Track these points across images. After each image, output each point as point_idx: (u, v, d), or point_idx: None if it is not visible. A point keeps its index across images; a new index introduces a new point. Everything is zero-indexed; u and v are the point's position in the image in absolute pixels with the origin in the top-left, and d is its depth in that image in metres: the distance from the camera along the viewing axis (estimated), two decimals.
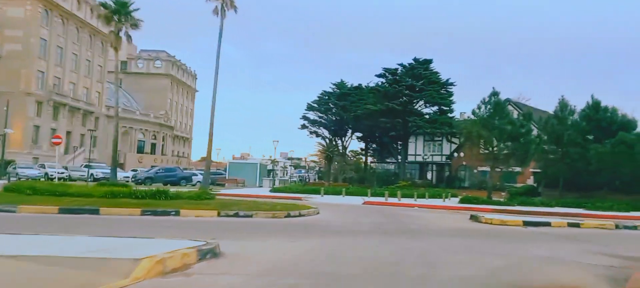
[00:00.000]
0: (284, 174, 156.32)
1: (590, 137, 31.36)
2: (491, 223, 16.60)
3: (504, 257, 9.07)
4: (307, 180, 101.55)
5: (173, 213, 13.13)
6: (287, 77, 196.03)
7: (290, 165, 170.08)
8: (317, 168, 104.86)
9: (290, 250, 8.49)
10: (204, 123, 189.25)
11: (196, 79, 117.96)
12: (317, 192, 32.69)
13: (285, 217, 14.59)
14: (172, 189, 22.24)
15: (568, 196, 34.42)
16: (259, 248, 8.52)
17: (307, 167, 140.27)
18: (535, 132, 30.55)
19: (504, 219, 16.92)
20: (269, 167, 71.02)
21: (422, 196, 34.03)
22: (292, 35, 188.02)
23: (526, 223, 16.69)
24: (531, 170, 43.14)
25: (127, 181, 43.74)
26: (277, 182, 59.94)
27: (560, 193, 34.32)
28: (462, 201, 28.18)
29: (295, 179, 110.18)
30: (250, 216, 13.82)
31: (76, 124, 70.38)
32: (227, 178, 46.96)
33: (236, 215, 13.70)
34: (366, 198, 28.75)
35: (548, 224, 16.84)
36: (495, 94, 28.57)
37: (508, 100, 28.90)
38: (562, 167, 32.62)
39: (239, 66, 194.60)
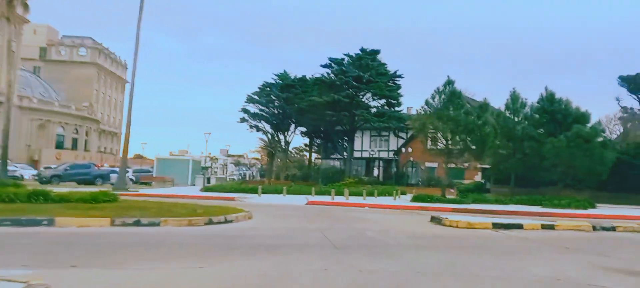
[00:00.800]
0: (223, 172, 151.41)
1: (542, 131, 30.26)
2: (457, 227, 14.31)
3: (505, 281, 6.52)
4: (250, 177, 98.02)
5: (45, 222, 9.67)
6: (230, 72, 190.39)
7: (230, 163, 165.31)
8: (259, 166, 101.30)
9: None
10: (135, 116, 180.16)
11: (126, 69, 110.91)
12: (255, 191, 29.63)
13: (206, 224, 11.49)
14: (86, 189, 18.76)
15: (519, 193, 33.35)
16: None
17: (249, 165, 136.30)
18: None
19: (471, 222, 14.64)
20: (207, 164, 66.77)
21: (371, 194, 31.81)
22: (235, 29, 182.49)
23: (496, 226, 14.51)
24: (479, 166, 42.13)
25: (36, 179, 38.84)
26: (213, 180, 56.24)
27: (512, 190, 33.14)
28: (414, 199, 26.08)
29: (235, 177, 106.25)
30: (157, 224, 10.62)
31: None
32: (153, 176, 42.81)
33: (137, 223, 10.44)
34: (310, 198, 26.06)
35: (520, 227, 14.73)
36: (450, 82, 26.64)
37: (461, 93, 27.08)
38: (515, 162, 31.37)
39: (180, 59, 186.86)
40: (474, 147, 25.44)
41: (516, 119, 31.11)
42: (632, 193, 33.15)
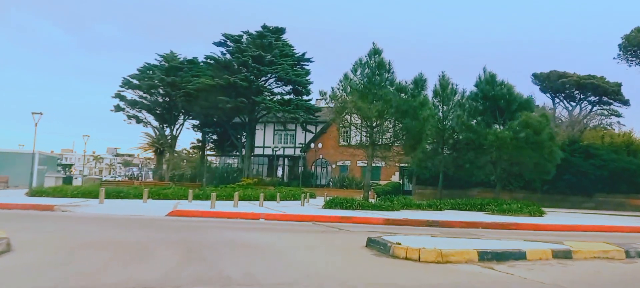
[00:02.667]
0: (109, 172, 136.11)
1: (479, 120, 25.13)
2: (420, 260, 7.64)
3: None
4: (139, 178, 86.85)
5: None
6: (121, 65, 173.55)
7: (118, 163, 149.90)
8: (153, 166, 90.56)
9: None
10: (13, 111, 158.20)
11: None
12: (109, 193, 21.50)
13: None
14: None
15: (448, 195, 28.12)
16: None
17: (140, 165, 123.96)
18: None
19: (442, 251, 8.03)
20: (67, 162, 55.95)
21: (272, 198, 24.83)
22: (127, 19, 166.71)
23: (484, 257, 8.07)
24: (397, 163, 36.77)
25: None
26: (80, 181, 46.04)
27: (439, 192, 27.77)
28: (329, 205, 19.45)
29: (120, 178, 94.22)
30: None
31: None
32: None
33: None
34: (182, 204, 18.36)
35: (522, 256, 8.43)
36: (376, 51, 20.27)
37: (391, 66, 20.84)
38: (444, 158, 25.97)
39: (68, 51, 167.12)
40: (405, 136, 19.21)
41: (445, 107, 25.78)
42: (569, 195, 29.34)
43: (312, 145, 42.20)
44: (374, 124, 20.19)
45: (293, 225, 13.49)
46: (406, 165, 33.72)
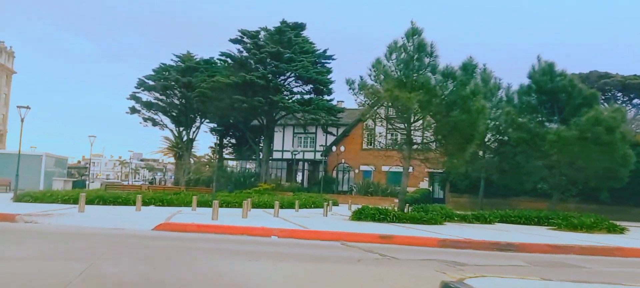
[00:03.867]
0: (134, 177, 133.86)
1: (534, 118, 20.78)
2: None
3: None
4: (160, 183, 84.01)
5: None
6: (143, 72, 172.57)
7: (142, 167, 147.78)
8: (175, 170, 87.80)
9: None
10: (37, 118, 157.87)
11: (14, 57, 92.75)
12: (105, 199, 17.98)
13: None
14: None
15: (488, 204, 23.82)
16: None
17: (164, 169, 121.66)
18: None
19: None
20: (72, 164, 52.93)
21: (290, 205, 20.84)
22: (150, 30, 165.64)
23: None
24: (427, 169, 32.45)
25: None
26: (97, 185, 42.91)
27: (481, 201, 23.46)
28: (359, 216, 15.36)
29: (142, 182, 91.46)
30: None
31: None
32: None
33: None
34: (179, 214, 14.42)
35: None
36: (416, 31, 16.14)
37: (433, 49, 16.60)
38: (488, 163, 21.64)
39: (95, 62, 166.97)
40: (452, 133, 14.98)
41: (488, 104, 21.46)
42: (632, 206, 24.62)
43: (334, 148, 38.13)
44: (413, 119, 16.04)
45: (316, 246, 9.46)
46: (438, 170, 29.43)
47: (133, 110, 44.10)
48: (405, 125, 16.02)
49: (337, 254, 8.63)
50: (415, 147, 16.43)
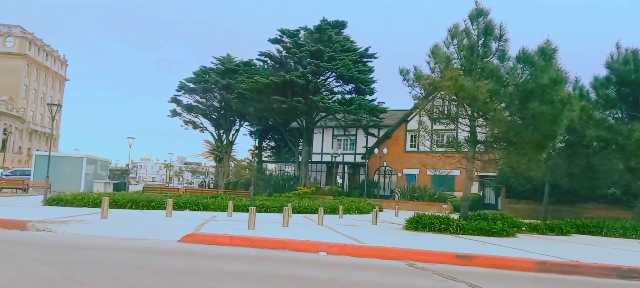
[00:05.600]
0: (178, 180, 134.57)
1: (612, 112, 17.60)
2: None
3: None
4: (202, 186, 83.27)
5: None
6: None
7: (186, 171, 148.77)
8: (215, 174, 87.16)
9: None
10: (77, 118, 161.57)
11: (67, 65, 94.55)
12: (138, 203, 16.21)
13: None
14: None
15: (552, 212, 20.72)
16: None
17: (206, 172, 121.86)
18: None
19: None
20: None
21: (332, 210, 18.44)
22: (192, 38, 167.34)
23: None
24: (477, 172, 29.35)
25: None
26: (141, 187, 41.79)
27: (545, 208, 20.33)
28: (413, 225, 12.79)
29: (193, 185, 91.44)
30: None
31: None
32: (16, 179, 28.20)
33: None
34: (213, 220, 12.24)
35: None
36: (482, 12, 13.46)
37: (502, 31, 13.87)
38: (556, 165, 18.55)
39: (141, 69, 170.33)
40: (527, 129, 12.18)
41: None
42: None
43: (376, 150, 35.50)
44: (478, 113, 13.32)
45: (378, 268, 7.00)
46: (491, 173, 26.39)
47: (174, 113, 42.89)
48: (469, 119, 13.32)
49: (408, 282, 6.15)
50: (482, 144, 13.69)
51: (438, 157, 14.19)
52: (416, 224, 12.76)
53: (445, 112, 14.70)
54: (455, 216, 14.15)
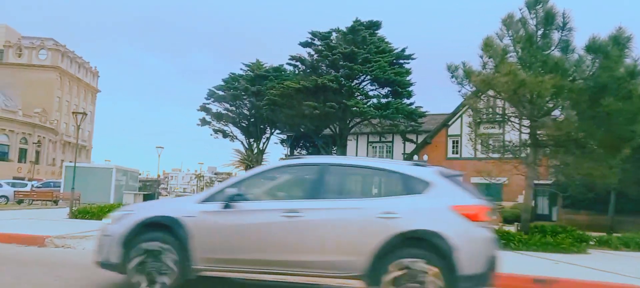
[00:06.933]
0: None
1: None
2: None
3: None
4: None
5: None
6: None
7: (217, 181, 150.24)
8: None
9: None
10: (109, 129, 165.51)
11: (98, 77, 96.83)
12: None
13: None
14: None
15: (617, 223, 18.99)
16: None
17: None
18: None
19: None
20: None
21: None
22: (221, 47, 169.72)
23: None
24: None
25: None
26: (176, 199, 41.65)
27: (611, 220, 18.65)
28: None
29: None
30: None
31: None
32: (46, 191, 28.31)
33: None
34: None
35: None
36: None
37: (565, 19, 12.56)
38: (627, 170, 16.83)
39: (171, 80, 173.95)
40: (600, 128, 10.81)
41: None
42: None
43: (416, 157, 34.08)
44: (538, 112, 12.00)
45: None
46: (544, 181, 24.71)
47: (203, 122, 42.76)
48: (530, 120, 12.03)
49: None
50: (543, 145, 12.35)
51: (493, 163, 12.91)
52: None
53: (499, 112, 13.39)
54: (506, 228, 12.84)
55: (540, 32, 12.37)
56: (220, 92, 41.56)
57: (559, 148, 11.97)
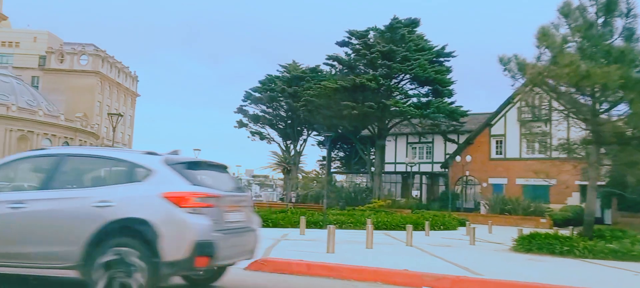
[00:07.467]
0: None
1: None
2: None
3: None
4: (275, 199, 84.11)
5: None
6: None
7: (254, 183, 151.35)
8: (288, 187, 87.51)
9: None
10: (148, 132, 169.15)
11: (137, 81, 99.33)
12: None
13: None
14: None
15: None
16: None
17: (274, 185, 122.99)
18: None
19: None
20: None
21: (415, 226, 16.38)
22: (258, 51, 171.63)
23: None
24: (578, 182, 26.23)
25: None
26: None
27: None
28: (524, 246, 10.81)
29: (261, 198, 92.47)
30: None
31: None
32: None
33: None
34: (284, 239, 10.94)
35: None
36: None
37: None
38: None
39: (208, 84, 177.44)
40: None
41: None
42: None
43: (458, 158, 33.08)
44: (600, 106, 11.12)
45: None
46: (602, 183, 23.34)
47: (241, 124, 42.94)
48: (592, 115, 11.16)
49: None
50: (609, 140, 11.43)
51: (549, 163, 12.06)
52: (528, 245, 10.77)
53: (556, 107, 12.54)
54: (562, 232, 11.97)
55: (601, 20, 11.52)
56: (257, 94, 41.64)
57: (626, 146, 11.03)
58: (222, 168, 5.83)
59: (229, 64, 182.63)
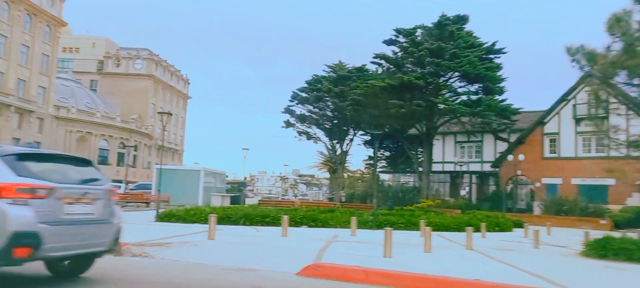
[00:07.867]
0: (294, 193, 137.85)
1: None
2: None
3: None
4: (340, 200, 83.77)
5: None
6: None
7: (301, 183, 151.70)
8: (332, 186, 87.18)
9: None
10: (199, 134, 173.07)
11: (188, 84, 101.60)
12: (235, 220, 15.36)
13: None
14: None
15: None
16: None
17: (320, 185, 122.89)
18: None
19: None
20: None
21: (471, 226, 15.39)
22: (305, 54, 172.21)
23: None
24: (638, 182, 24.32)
25: None
26: (255, 200, 42.41)
27: None
28: (600, 251, 9.82)
29: (307, 197, 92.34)
30: None
31: (4, 126, 53.50)
32: (136, 193, 29.41)
33: None
34: (336, 240, 10.34)
35: None
36: None
37: None
38: None
39: (254, 86, 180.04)
40: None
41: None
42: None
43: (510, 157, 31.49)
44: None
45: None
46: None
47: (288, 124, 42.83)
48: None
49: None
50: None
51: (626, 162, 10.94)
52: (603, 250, 9.79)
53: (626, 103, 11.40)
54: (619, 234, 10.82)
55: None
56: (304, 94, 41.41)
57: None
58: (78, 161, 5.83)
59: (275, 66, 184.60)
